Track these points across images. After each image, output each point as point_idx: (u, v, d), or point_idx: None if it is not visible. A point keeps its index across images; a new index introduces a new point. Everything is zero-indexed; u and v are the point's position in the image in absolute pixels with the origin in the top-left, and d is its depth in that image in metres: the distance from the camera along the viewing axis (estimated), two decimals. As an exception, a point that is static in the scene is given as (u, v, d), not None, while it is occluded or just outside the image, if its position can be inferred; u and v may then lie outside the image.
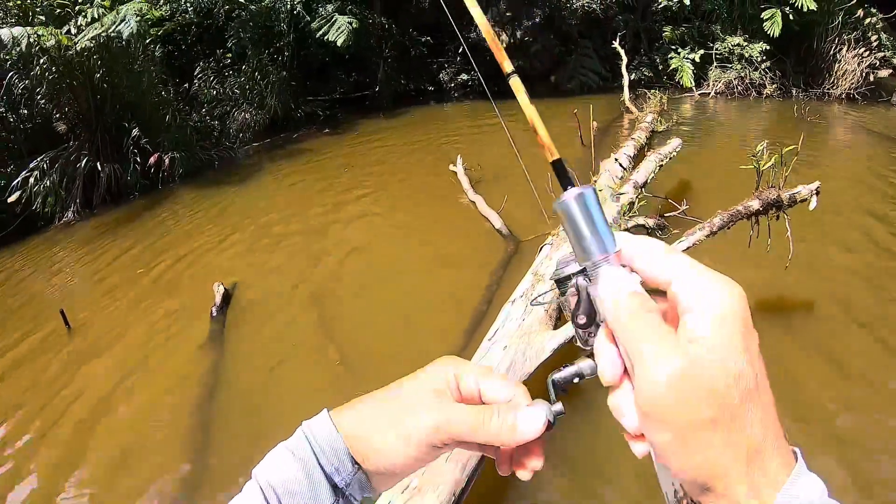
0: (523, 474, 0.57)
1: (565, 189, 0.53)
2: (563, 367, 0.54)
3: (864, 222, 5.02)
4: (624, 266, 0.50)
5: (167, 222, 7.69)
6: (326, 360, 4.07)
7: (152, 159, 9.10)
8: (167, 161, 9.20)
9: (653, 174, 5.04)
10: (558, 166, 0.60)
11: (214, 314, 4.88)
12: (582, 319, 0.51)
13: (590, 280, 0.51)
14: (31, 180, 8.28)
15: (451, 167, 7.27)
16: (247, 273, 5.64)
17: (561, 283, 0.53)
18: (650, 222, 4.04)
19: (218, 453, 3.37)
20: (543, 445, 0.56)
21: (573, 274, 0.52)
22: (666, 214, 4.23)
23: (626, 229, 3.97)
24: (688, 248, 3.40)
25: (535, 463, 0.57)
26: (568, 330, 3.06)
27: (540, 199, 4.83)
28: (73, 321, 5.15)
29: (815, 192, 3.74)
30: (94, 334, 5.00)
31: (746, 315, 0.44)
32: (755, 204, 3.68)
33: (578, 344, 0.53)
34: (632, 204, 4.22)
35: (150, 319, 5.08)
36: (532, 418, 0.54)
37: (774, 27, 10.12)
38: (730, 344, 0.42)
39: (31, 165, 8.42)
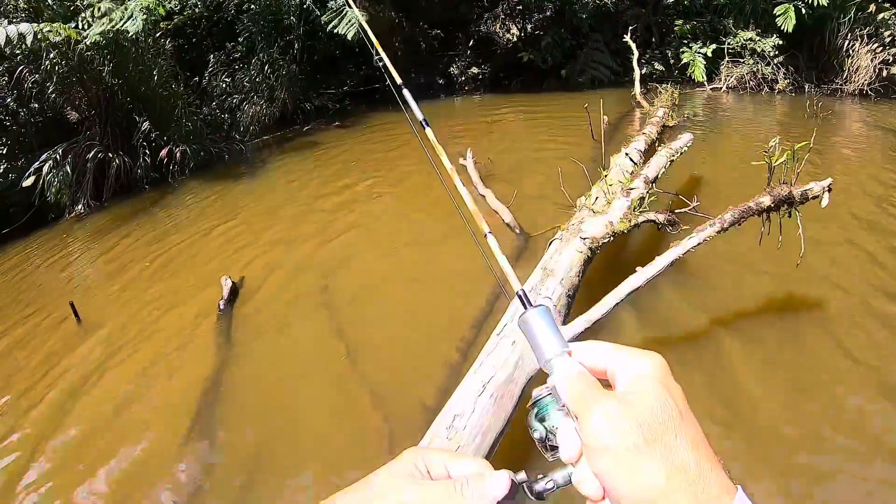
0: None
1: (525, 309, 0.72)
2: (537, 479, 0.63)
3: (878, 220, 4.98)
4: (573, 360, 0.63)
5: (176, 215, 7.73)
6: (335, 354, 4.08)
7: (163, 153, 9.14)
8: (178, 154, 9.24)
9: (664, 169, 5.01)
10: (520, 295, 0.82)
11: (222, 308, 4.90)
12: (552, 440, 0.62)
13: (550, 373, 0.64)
14: (44, 171, 8.35)
15: (461, 161, 7.25)
16: (255, 267, 5.66)
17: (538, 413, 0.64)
18: (661, 218, 4.01)
19: (223, 451, 3.39)
20: None
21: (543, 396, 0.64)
22: (677, 210, 4.21)
23: (637, 224, 3.96)
24: (698, 244, 3.38)
25: None
26: (577, 325, 3.06)
27: (564, 188, 4.83)
28: (83, 314, 5.20)
29: (827, 188, 3.71)
30: (103, 327, 5.03)
31: (664, 373, 0.58)
32: (766, 200, 3.66)
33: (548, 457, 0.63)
34: (642, 199, 4.19)
35: (158, 313, 5.11)
36: (498, 478, 0.60)
37: (787, 22, 10.02)
38: (651, 390, 0.55)
39: (43, 158, 8.48)
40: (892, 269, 4.16)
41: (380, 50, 2.08)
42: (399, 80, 1.80)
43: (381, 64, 2.09)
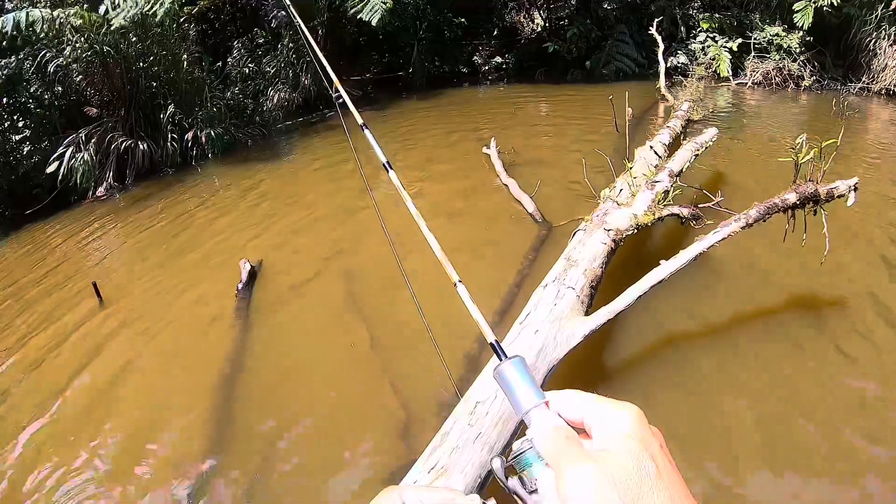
0: None
1: (500, 361, 0.69)
2: None
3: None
4: (552, 412, 0.63)
5: (198, 199, 7.83)
6: (354, 338, 4.14)
7: (189, 135, 9.25)
8: (203, 138, 9.34)
9: (688, 163, 5.01)
10: (494, 346, 0.81)
11: (240, 290, 4.99)
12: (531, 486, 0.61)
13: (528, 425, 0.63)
14: (67, 154, 8.48)
15: (485, 150, 7.28)
16: (274, 251, 5.75)
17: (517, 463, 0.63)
18: (685, 212, 4.03)
19: (239, 437, 3.45)
20: None
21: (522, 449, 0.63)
22: (700, 205, 4.22)
23: (660, 218, 3.98)
24: (723, 238, 3.40)
25: None
26: (600, 317, 3.09)
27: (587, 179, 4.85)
28: (105, 294, 5.31)
29: (853, 187, 3.71)
30: (124, 308, 5.16)
31: (641, 428, 0.57)
32: (792, 197, 3.67)
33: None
34: (666, 192, 4.21)
35: (179, 294, 5.23)
36: (469, 500, 0.64)
37: (805, 18, 9.92)
38: (627, 449, 0.55)
39: (66, 142, 8.62)
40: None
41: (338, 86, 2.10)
42: (360, 121, 1.84)
43: (339, 101, 2.09)
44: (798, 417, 3.02)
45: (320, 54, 2.25)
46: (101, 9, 8.73)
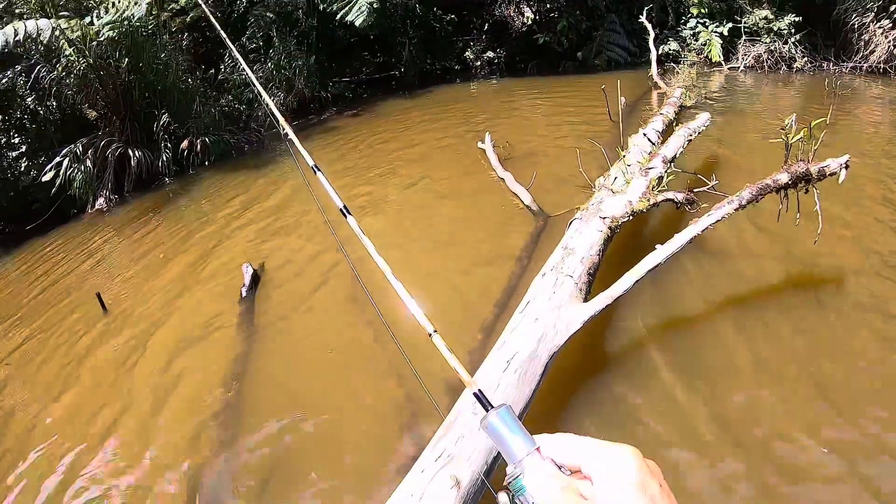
0: None
1: (487, 411, 0.69)
2: None
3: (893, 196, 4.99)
4: (545, 458, 0.63)
5: (198, 205, 7.88)
6: (357, 342, 4.16)
7: (185, 143, 9.29)
8: (199, 145, 9.38)
9: (681, 149, 5.04)
10: (477, 395, 0.81)
11: (243, 295, 5.02)
12: None
13: (522, 474, 0.63)
14: (64, 165, 8.52)
15: (480, 144, 7.31)
16: (276, 254, 5.77)
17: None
18: (679, 197, 4.06)
19: (246, 434, 3.47)
20: None
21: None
22: (695, 190, 4.26)
23: (656, 203, 4.02)
24: (717, 220, 3.44)
25: None
26: (598, 302, 3.13)
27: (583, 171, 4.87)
28: (109, 305, 5.35)
29: (844, 165, 3.73)
30: (128, 317, 5.18)
31: (641, 473, 0.58)
32: (784, 177, 3.70)
33: None
34: (661, 179, 4.25)
35: (183, 302, 5.25)
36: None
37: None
38: (629, 496, 0.56)
39: (63, 153, 8.66)
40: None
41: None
42: (312, 163, 1.84)
43: (287, 139, 2.07)
44: (816, 399, 3.05)
45: (264, 95, 2.26)
46: (87, 19, 8.73)
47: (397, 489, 2.27)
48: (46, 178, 8.46)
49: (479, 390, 0.82)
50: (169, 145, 9.40)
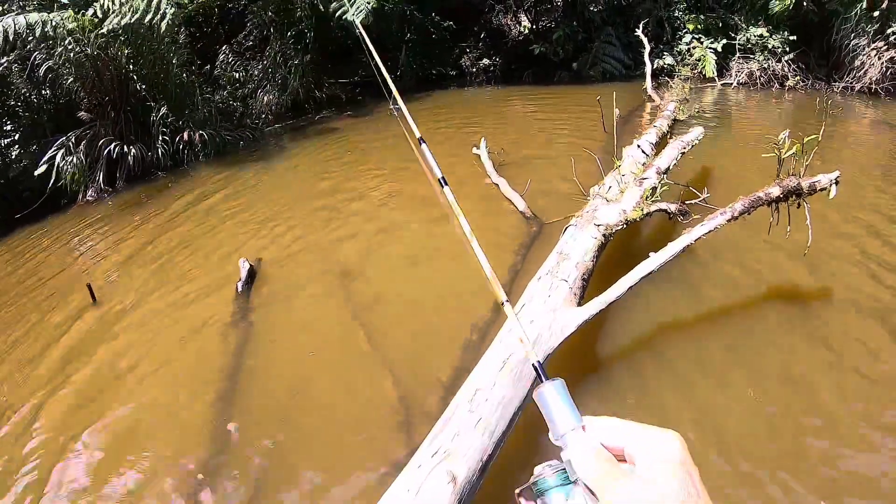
0: None
1: (542, 383, 0.72)
2: None
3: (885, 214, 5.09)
4: (589, 435, 0.65)
5: (191, 200, 7.85)
6: (352, 339, 4.17)
7: (185, 136, 9.28)
8: (197, 138, 9.37)
9: (675, 161, 5.12)
10: (535, 367, 0.83)
11: (239, 290, 5.02)
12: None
13: (563, 447, 0.66)
14: (58, 157, 8.48)
15: (475, 150, 7.36)
16: (272, 249, 5.78)
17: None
18: (672, 208, 4.14)
19: (239, 439, 3.47)
20: None
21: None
22: (687, 201, 4.33)
23: (649, 213, 4.09)
24: (709, 231, 3.51)
25: None
26: (593, 307, 3.19)
27: (577, 179, 4.92)
28: (99, 295, 5.34)
29: (834, 181, 3.83)
30: (119, 308, 5.16)
31: (685, 455, 0.60)
32: (776, 191, 3.78)
33: None
34: (654, 189, 4.31)
35: (176, 295, 5.23)
36: None
37: (782, 5, 10.19)
38: (675, 472, 0.58)
39: (56, 144, 8.62)
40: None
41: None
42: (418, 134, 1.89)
43: (397, 114, 2.11)
44: (800, 405, 3.12)
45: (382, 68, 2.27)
46: (90, 12, 8.71)
47: (393, 484, 2.31)
48: (39, 171, 8.41)
49: (539, 362, 0.85)
50: (166, 138, 9.38)
